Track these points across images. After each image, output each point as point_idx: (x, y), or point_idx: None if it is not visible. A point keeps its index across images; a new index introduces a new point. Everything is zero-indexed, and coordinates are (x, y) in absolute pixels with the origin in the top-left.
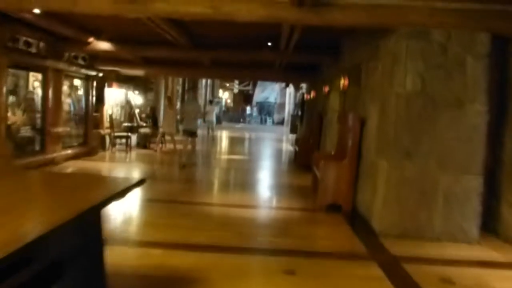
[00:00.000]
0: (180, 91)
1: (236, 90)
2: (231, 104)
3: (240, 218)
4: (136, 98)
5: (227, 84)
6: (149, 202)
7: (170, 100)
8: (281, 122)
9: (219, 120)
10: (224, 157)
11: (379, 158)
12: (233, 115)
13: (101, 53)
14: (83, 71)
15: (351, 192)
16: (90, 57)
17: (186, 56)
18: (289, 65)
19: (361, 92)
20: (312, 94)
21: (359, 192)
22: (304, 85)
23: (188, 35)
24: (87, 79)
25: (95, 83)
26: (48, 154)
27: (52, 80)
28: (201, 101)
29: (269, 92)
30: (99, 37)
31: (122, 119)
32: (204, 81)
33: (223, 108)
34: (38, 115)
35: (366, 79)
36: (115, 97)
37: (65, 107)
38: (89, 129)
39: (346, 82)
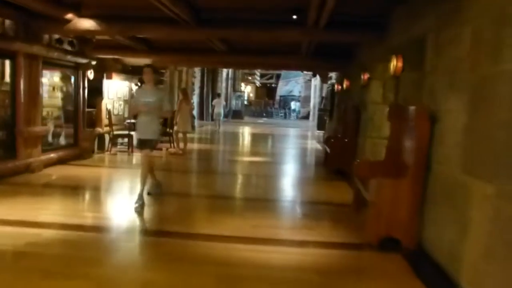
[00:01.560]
0: (197, 84)
1: (258, 83)
2: (253, 98)
3: (250, 266)
4: None
5: (249, 78)
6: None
7: (185, 94)
8: (306, 117)
9: (240, 115)
10: (241, 159)
11: (472, 176)
12: (256, 109)
13: (92, 36)
14: (70, 58)
15: (414, 222)
16: (80, 42)
17: (191, 37)
18: (318, 49)
19: (425, 77)
20: (345, 84)
21: (429, 224)
22: (333, 75)
23: (191, 9)
24: (76, 68)
25: (91, 73)
26: (20, 160)
27: (26, 68)
28: (221, 96)
29: (292, 85)
30: (78, 12)
31: (126, 115)
32: (224, 74)
33: (245, 102)
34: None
35: (437, 58)
36: (117, 90)
37: (50, 101)
38: (80, 128)
39: (400, 65)
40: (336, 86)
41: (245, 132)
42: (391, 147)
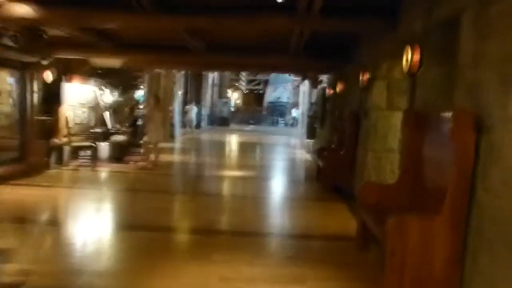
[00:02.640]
0: (179, 89)
1: (244, 88)
2: (241, 105)
3: None
4: (107, 97)
5: (236, 84)
6: None
7: (157, 100)
8: (294, 124)
9: (227, 122)
10: (221, 173)
11: None
12: (243, 116)
13: (38, 28)
14: (13, 55)
15: (455, 278)
16: (27, 37)
17: (150, 26)
18: (309, 47)
19: (460, 72)
20: (340, 87)
21: (477, 281)
22: (324, 78)
23: None
24: (22, 68)
25: (49, 76)
26: None
27: None
28: (207, 102)
29: (281, 91)
30: None
31: (93, 123)
32: (210, 80)
33: (232, 109)
34: None
35: (481, 44)
36: (80, 95)
37: None
38: (28, 139)
39: (417, 58)
40: (328, 90)
41: (230, 141)
42: (407, 166)
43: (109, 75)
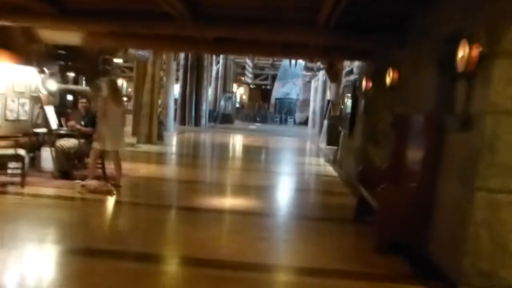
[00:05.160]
0: (173, 81)
1: (250, 82)
2: (246, 101)
3: None
4: (51, 84)
5: (242, 78)
6: None
7: (114, 89)
8: (304, 122)
9: (230, 119)
10: (211, 204)
11: None
12: (248, 113)
13: None
14: None
15: None
16: None
17: None
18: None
19: None
20: (391, 77)
21: None
22: (354, 68)
23: None
24: None
25: None
26: None
27: None
28: (209, 96)
29: (290, 87)
30: None
31: (38, 120)
32: (214, 72)
33: (237, 105)
34: None
35: None
36: (14, 81)
37: None
38: None
39: None
40: (364, 82)
41: (231, 144)
42: None
43: (71, 57)
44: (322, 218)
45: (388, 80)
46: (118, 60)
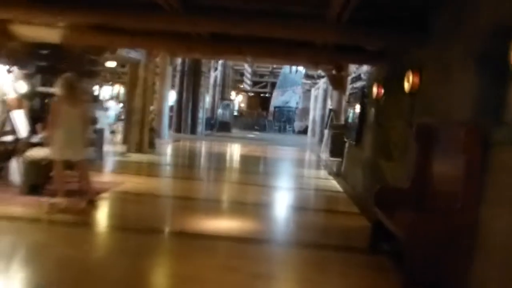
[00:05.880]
0: (167, 87)
1: (248, 89)
2: (245, 109)
3: None
4: (20, 85)
5: (241, 85)
6: None
7: (70, 88)
8: (303, 131)
9: (228, 128)
10: (204, 226)
11: None
12: (247, 121)
13: None
14: None
15: None
16: None
17: None
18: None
19: None
20: (411, 81)
21: None
22: (362, 74)
23: None
24: None
25: None
26: None
27: None
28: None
29: (289, 95)
30: None
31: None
32: (212, 78)
33: (235, 113)
34: None
35: None
36: None
37: None
38: None
39: None
40: (375, 89)
41: (228, 154)
42: None
43: (53, 57)
44: (329, 246)
45: (406, 85)
46: (111, 64)
